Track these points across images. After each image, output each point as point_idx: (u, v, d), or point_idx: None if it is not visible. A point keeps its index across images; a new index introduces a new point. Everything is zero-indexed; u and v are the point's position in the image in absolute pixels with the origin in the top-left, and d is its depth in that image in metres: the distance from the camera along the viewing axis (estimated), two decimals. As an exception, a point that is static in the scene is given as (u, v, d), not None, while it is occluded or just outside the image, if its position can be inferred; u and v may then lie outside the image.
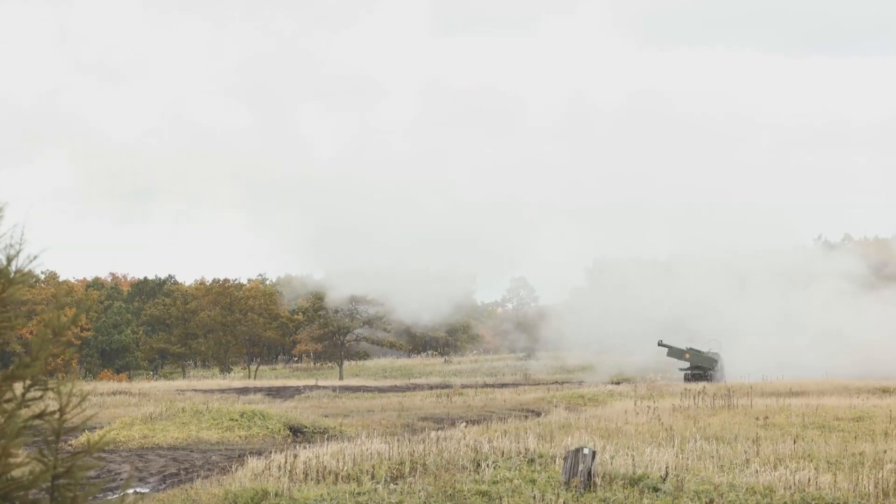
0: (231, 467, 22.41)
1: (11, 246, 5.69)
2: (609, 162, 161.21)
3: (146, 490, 20.29)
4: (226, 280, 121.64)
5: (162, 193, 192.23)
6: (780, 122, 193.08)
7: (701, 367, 79.24)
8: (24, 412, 5.73)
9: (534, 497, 17.02)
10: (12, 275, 5.62)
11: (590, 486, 17.83)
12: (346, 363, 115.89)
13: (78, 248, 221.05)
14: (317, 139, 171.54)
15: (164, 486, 21.37)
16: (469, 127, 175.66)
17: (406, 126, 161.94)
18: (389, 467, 20.45)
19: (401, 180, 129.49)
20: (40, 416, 5.79)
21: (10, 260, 5.70)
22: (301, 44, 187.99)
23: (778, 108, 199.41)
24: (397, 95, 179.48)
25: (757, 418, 32.12)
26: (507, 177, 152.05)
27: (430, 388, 67.11)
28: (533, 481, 18.61)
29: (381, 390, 64.68)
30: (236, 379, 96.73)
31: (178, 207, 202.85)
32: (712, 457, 22.39)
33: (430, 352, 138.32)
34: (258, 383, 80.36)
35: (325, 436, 30.26)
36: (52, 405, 5.83)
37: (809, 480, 18.22)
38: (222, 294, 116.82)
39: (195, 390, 60.91)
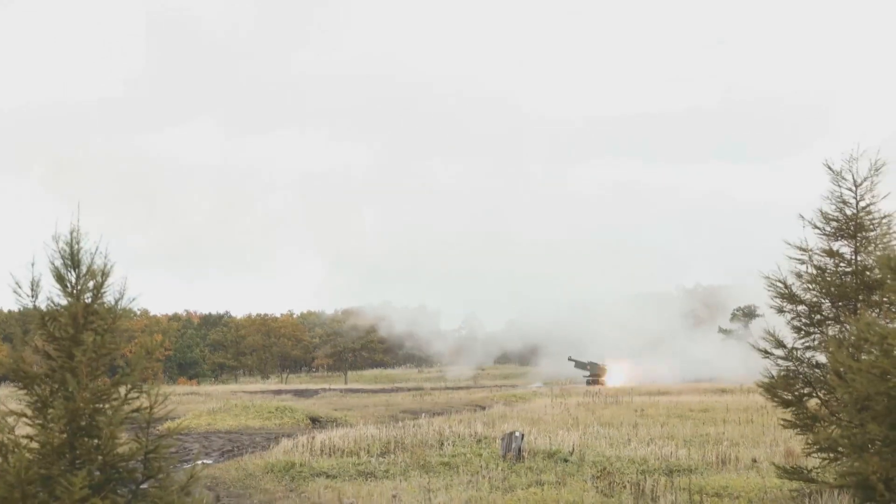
0: (269, 446, 22.13)
1: (118, 291, 5.74)
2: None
3: (210, 461, 19.98)
4: (265, 314, 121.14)
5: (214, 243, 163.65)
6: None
7: (595, 375, 79.21)
8: (126, 407, 5.73)
9: (481, 466, 16.92)
10: (119, 312, 5.67)
11: (520, 458, 17.76)
12: (349, 373, 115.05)
13: (161, 290, 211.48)
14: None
15: (222, 458, 21.05)
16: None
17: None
18: (380, 445, 20.28)
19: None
20: (137, 410, 5.78)
21: (116, 301, 5.75)
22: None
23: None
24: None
25: (635, 410, 32.11)
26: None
27: (408, 390, 66.40)
28: (480, 455, 18.51)
29: (373, 392, 64.01)
30: (272, 384, 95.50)
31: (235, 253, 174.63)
32: (605, 437, 22.34)
33: (407, 364, 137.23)
34: (288, 387, 79.38)
35: (335, 424, 29.94)
36: (145, 402, 5.81)
37: (672, 453, 18.23)
38: (262, 324, 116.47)
39: (244, 392, 60.13)
